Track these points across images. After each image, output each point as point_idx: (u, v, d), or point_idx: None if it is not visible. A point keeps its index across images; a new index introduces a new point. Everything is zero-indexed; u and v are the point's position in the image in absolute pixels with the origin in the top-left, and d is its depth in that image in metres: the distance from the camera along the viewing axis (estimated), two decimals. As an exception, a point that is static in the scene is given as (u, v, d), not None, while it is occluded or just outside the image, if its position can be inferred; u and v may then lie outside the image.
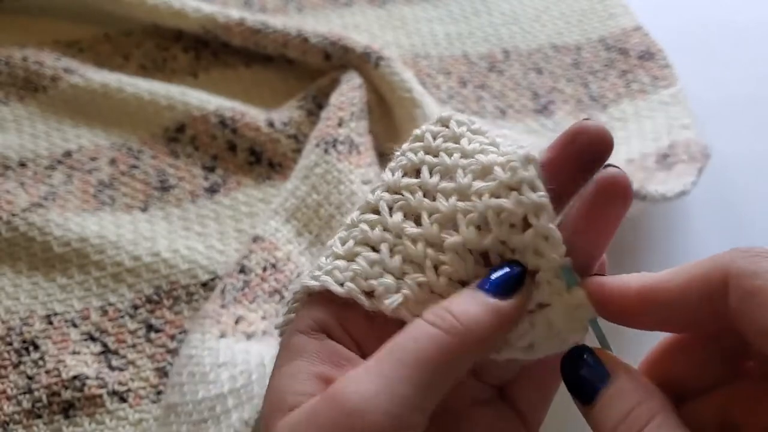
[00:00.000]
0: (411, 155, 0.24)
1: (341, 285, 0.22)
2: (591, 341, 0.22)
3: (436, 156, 0.23)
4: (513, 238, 0.22)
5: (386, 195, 0.23)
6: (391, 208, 0.23)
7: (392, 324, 0.22)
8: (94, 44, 0.55)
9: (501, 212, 0.22)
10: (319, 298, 0.23)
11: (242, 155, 0.47)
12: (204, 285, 0.41)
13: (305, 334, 0.22)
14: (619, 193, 0.21)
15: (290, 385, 0.21)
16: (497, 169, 0.22)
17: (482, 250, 0.22)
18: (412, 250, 0.22)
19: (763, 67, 0.53)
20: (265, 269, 0.39)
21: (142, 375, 0.38)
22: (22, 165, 0.48)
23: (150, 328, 0.40)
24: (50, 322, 0.40)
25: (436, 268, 0.22)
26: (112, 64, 0.53)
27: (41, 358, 0.38)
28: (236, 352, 0.34)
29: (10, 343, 0.39)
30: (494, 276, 0.22)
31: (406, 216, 0.23)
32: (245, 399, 0.33)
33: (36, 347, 0.39)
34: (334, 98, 0.46)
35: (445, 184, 0.23)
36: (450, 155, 0.23)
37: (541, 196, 0.21)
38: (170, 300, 0.41)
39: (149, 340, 0.39)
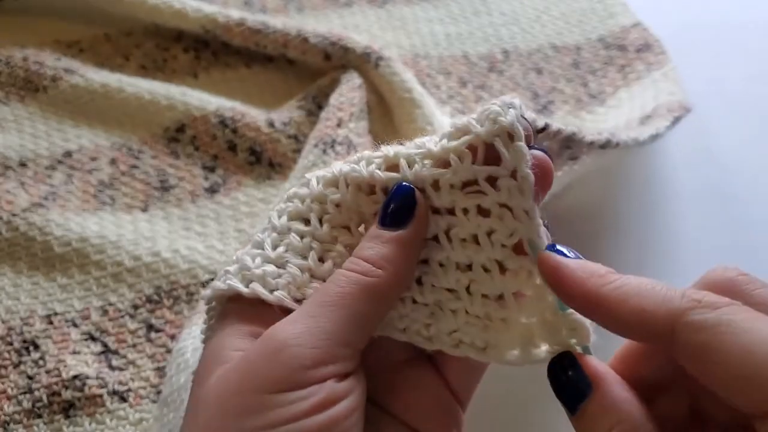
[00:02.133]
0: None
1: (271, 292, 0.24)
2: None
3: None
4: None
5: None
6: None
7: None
8: (94, 44, 0.55)
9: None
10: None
11: (242, 155, 0.47)
12: (204, 285, 0.41)
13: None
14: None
15: (226, 342, 0.23)
16: (472, 123, 0.22)
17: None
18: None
19: (762, 65, 0.54)
20: None
21: (142, 375, 0.38)
22: (23, 165, 0.48)
23: (150, 327, 0.40)
24: (51, 322, 0.40)
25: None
26: (113, 65, 0.54)
27: (41, 358, 0.38)
28: None
29: (11, 343, 0.39)
30: (389, 208, 0.23)
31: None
32: None
33: (36, 347, 0.39)
34: (334, 99, 0.47)
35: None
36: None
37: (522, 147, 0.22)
38: (170, 300, 0.41)
39: (149, 340, 0.39)
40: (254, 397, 0.21)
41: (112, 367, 0.38)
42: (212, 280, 0.41)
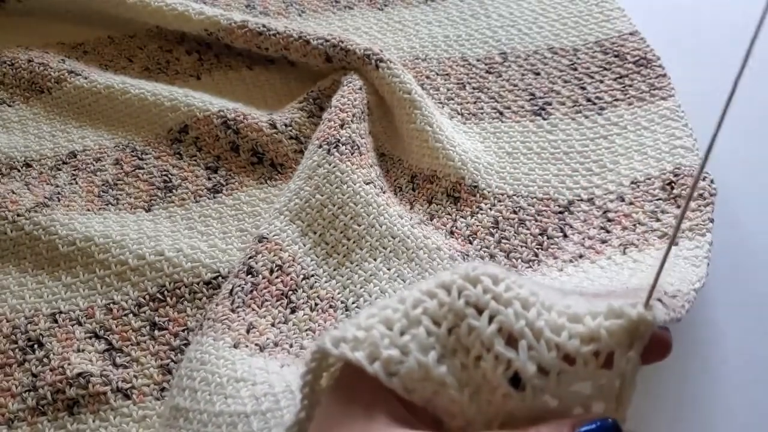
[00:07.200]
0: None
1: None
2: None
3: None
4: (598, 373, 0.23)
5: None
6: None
7: None
8: (98, 46, 0.56)
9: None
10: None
11: (245, 156, 0.48)
12: (207, 284, 0.41)
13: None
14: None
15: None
16: (628, 309, 0.23)
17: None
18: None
19: (759, 70, 0.54)
20: (271, 271, 0.39)
21: (146, 372, 0.38)
22: (27, 165, 0.48)
23: (154, 326, 0.40)
24: (55, 321, 0.40)
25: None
26: (117, 66, 0.54)
27: (46, 356, 0.39)
28: (254, 369, 0.34)
29: (15, 341, 0.40)
30: (596, 429, 0.22)
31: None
32: (273, 425, 0.31)
33: (41, 345, 0.39)
34: (336, 100, 0.47)
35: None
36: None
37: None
38: (174, 298, 0.41)
39: (153, 338, 0.40)
40: None
41: (116, 365, 0.39)
42: (215, 278, 0.41)
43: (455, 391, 0.23)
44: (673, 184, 0.42)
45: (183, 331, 0.40)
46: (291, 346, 0.37)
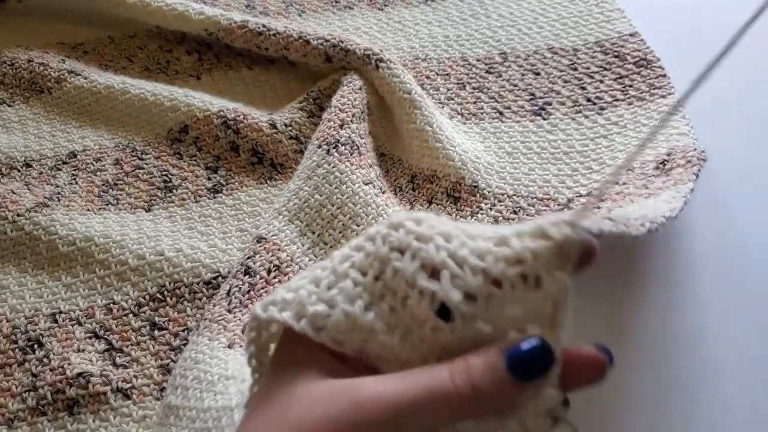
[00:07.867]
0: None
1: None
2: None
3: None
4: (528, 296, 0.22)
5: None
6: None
7: None
8: (98, 46, 0.56)
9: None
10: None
11: (245, 156, 0.48)
12: (207, 284, 0.41)
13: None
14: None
15: (299, 389, 0.23)
16: (552, 229, 0.22)
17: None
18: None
19: (755, 71, 0.54)
20: (269, 271, 0.40)
21: (146, 372, 0.39)
22: (28, 165, 0.48)
23: (154, 326, 0.40)
24: (55, 321, 0.41)
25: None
26: (117, 66, 0.54)
27: (46, 356, 0.39)
28: (245, 366, 0.34)
29: (15, 341, 0.40)
30: (525, 350, 0.22)
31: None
32: None
33: (41, 345, 0.39)
34: (336, 100, 0.47)
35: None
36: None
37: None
38: (174, 298, 0.41)
39: (153, 338, 0.40)
40: None
41: (116, 365, 0.39)
42: (215, 278, 0.42)
43: (385, 336, 0.23)
44: (666, 162, 0.42)
45: (183, 331, 0.40)
46: None
